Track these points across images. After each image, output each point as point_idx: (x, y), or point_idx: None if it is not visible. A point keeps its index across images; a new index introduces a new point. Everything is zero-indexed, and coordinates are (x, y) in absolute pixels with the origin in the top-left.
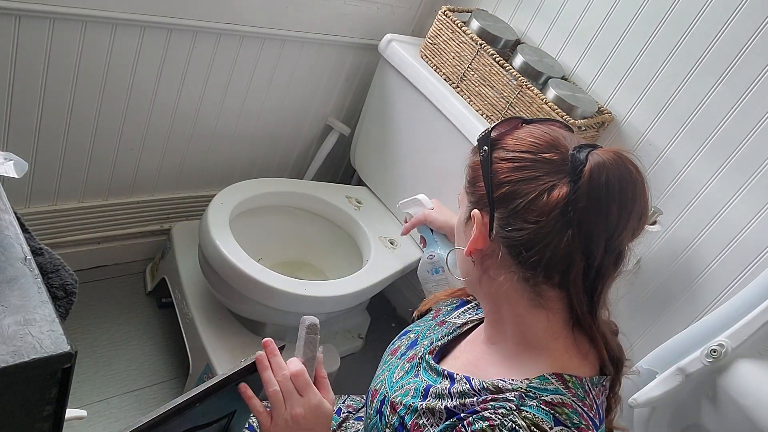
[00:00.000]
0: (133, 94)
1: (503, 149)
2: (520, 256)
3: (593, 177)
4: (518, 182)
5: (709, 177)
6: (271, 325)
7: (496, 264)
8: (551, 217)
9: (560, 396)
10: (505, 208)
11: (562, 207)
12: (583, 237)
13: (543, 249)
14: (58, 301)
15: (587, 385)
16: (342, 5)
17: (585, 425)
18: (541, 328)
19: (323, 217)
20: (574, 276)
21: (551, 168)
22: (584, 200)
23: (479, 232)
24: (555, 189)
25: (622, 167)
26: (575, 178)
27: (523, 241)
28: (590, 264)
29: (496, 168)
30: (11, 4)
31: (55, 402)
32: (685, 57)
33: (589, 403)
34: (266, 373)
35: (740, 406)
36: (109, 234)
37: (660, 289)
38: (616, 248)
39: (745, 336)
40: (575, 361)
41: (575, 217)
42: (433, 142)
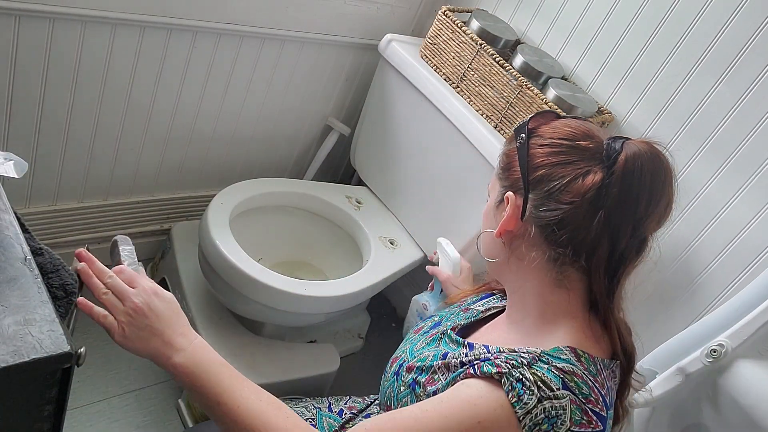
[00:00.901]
0: (133, 94)
1: (540, 137)
2: (551, 236)
3: (628, 165)
4: (555, 166)
5: (709, 177)
6: (271, 325)
7: (525, 244)
8: (585, 199)
9: (572, 366)
10: (540, 189)
11: (596, 190)
12: (612, 220)
13: (574, 229)
14: (58, 301)
15: (599, 365)
16: (342, 5)
17: (594, 399)
18: (561, 308)
19: (323, 217)
20: (598, 258)
21: (587, 155)
22: (618, 186)
23: (512, 212)
24: (590, 174)
25: (654, 158)
26: (610, 164)
27: (555, 221)
28: (615, 248)
29: (532, 153)
30: (11, 4)
31: (55, 402)
32: (685, 57)
33: (600, 381)
34: (92, 280)
35: (740, 405)
36: (109, 234)
37: (660, 289)
38: (642, 234)
39: (745, 336)
40: (590, 342)
41: (608, 201)
42: (433, 142)
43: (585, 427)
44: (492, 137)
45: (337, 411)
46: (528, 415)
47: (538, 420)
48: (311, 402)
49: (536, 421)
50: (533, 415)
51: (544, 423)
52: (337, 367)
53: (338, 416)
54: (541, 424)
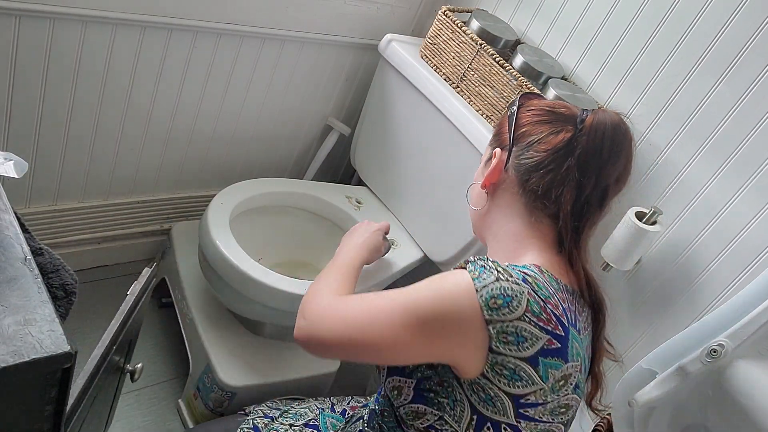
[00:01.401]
0: (134, 94)
1: (528, 106)
2: (527, 182)
3: (593, 124)
4: (536, 124)
5: (709, 177)
6: (271, 325)
7: (505, 194)
8: (557, 148)
9: (535, 273)
10: (522, 143)
11: (566, 143)
12: (578, 169)
13: (546, 173)
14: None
15: (561, 286)
16: (342, 5)
17: (553, 305)
18: (533, 244)
19: (323, 217)
20: (566, 201)
21: (563, 118)
22: (584, 141)
23: (497, 164)
24: (563, 131)
25: (616, 122)
26: (580, 125)
27: (531, 166)
28: (580, 195)
29: (520, 116)
30: (11, 4)
31: (55, 402)
32: (685, 57)
33: (561, 297)
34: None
35: (740, 406)
36: (109, 234)
37: (660, 289)
38: (604, 184)
39: (745, 336)
40: (554, 269)
41: (575, 153)
42: (433, 142)
43: (544, 324)
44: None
45: (340, 411)
46: (485, 288)
47: (495, 293)
48: (314, 402)
49: (492, 294)
50: (489, 289)
51: (499, 298)
52: (337, 367)
53: (341, 416)
54: (496, 297)
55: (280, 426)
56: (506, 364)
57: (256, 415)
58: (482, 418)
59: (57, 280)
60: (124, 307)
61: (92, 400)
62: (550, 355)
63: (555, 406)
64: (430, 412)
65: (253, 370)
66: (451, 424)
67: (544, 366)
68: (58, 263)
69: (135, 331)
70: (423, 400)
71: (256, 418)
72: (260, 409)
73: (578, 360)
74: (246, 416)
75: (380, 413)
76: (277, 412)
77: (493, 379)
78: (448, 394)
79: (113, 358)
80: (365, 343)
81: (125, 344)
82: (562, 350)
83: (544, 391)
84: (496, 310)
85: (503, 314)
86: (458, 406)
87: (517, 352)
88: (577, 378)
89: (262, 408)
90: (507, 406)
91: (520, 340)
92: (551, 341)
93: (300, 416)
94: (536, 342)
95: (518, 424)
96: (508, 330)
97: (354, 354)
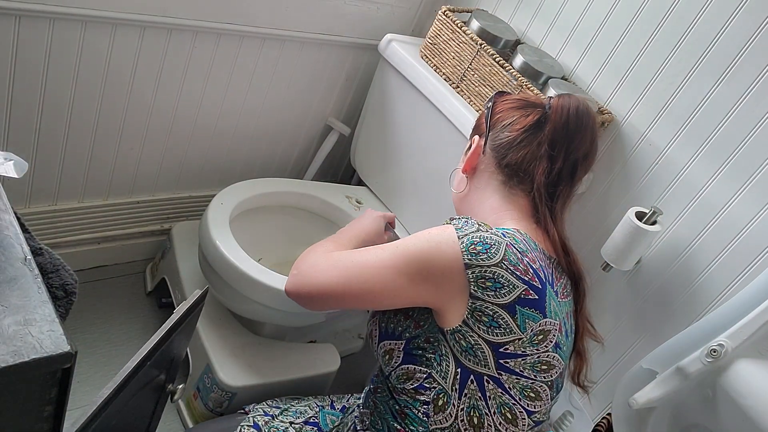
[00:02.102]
0: (133, 94)
1: (502, 99)
2: (503, 159)
3: (559, 103)
4: (509, 110)
5: (709, 177)
6: (271, 325)
7: (482, 172)
8: (528, 127)
9: (514, 233)
10: (497, 127)
11: (536, 122)
12: (549, 142)
13: (519, 149)
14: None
15: (539, 248)
16: (342, 5)
17: (530, 259)
18: (511, 215)
19: (323, 217)
20: (539, 174)
21: (532, 105)
22: (552, 119)
23: (475, 149)
24: (532, 114)
25: (579, 102)
26: (548, 108)
27: (506, 143)
28: (552, 168)
29: (495, 108)
30: (11, 4)
31: (55, 402)
32: (685, 57)
33: (538, 256)
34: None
35: (740, 406)
36: (109, 234)
37: (660, 289)
38: (572, 158)
39: (745, 336)
40: (532, 234)
41: (545, 128)
42: (433, 142)
43: (521, 273)
44: None
45: (340, 408)
46: (466, 236)
47: (474, 241)
48: (314, 400)
49: (473, 241)
50: (470, 237)
51: (479, 245)
52: (338, 367)
53: (340, 413)
54: (476, 245)
55: (281, 424)
56: (485, 310)
57: (257, 413)
58: (466, 371)
59: (57, 280)
60: (168, 323)
61: (118, 412)
62: (527, 306)
63: (535, 361)
64: (419, 371)
65: (252, 370)
66: (439, 381)
67: (521, 315)
68: (58, 263)
69: (178, 351)
70: (412, 359)
71: (256, 416)
72: (260, 407)
73: (557, 320)
74: (246, 415)
75: (374, 391)
76: (277, 410)
77: (473, 326)
78: (435, 350)
79: (151, 374)
80: (355, 288)
81: (166, 362)
82: (539, 302)
83: (522, 342)
84: (475, 255)
85: (482, 259)
86: (444, 361)
87: (494, 298)
88: (557, 338)
89: (263, 406)
90: (488, 356)
91: (497, 286)
92: (528, 291)
93: (300, 414)
94: (513, 290)
95: (500, 376)
96: (486, 275)
97: (343, 299)
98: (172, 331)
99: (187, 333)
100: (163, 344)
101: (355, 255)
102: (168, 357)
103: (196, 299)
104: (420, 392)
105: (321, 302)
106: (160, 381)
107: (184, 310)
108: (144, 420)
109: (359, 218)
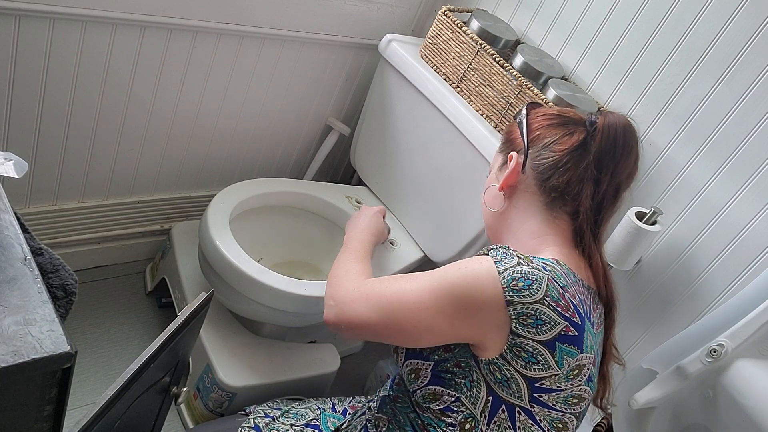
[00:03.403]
0: (133, 93)
1: (536, 113)
2: (546, 181)
3: (606, 124)
4: (549, 127)
5: (709, 177)
6: (271, 325)
7: (522, 195)
8: (573, 148)
9: (555, 266)
10: (538, 145)
11: (581, 143)
12: (596, 167)
13: (565, 171)
14: (58, 301)
15: (578, 279)
16: (342, 5)
17: (570, 294)
18: (552, 240)
19: (323, 217)
20: (585, 197)
21: (572, 122)
22: (598, 140)
23: (514, 167)
24: (576, 133)
25: (624, 122)
26: (591, 126)
27: (550, 165)
28: (597, 190)
29: (530, 122)
30: (11, 4)
31: (55, 402)
32: (685, 57)
33: (578, 290)
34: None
35: (740, 406)
36: (109, 234)
37: (660, 289)
38: (617, 181)
39: (745, 336)
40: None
41: (591, 152)
42: (433, 142)
43: (562, 310)
44: (492, 137)
45: (341, 411)
46: (507, 271)
47: (516, 276)
48: (315, 403)
49: (514, 277)
50: (511, 272)
51: (520, 281)
52: (338, 367)
53: (342, 415)
54: (518, 280)
55: (281, 426)
56: (525, 346)
57: (257, 415)
58: (498, 400)
59: (57, 280)
60: (172, 325)
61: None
62: (566, 342)
63: (568, 395)
64: (447, 393)
65: (252, 370)
66: (467, 405)
67: (560, 352)
68: (58, 263)
69: (183, 353)
70: (440, 382)
71: (257, 418)
72: (261, 408)
73: (592, 353)
74: (247, 416)
75: (393, 399)
76: (278, 412)
77: (511, 360)
78: (465, 375)
79: (156, 376)
80: (394, 325)
81: (170, 364)
82: (578, 339)
83: (558, 378)
84: (517, 292)
85: (524, 296)
86: (475, 387)
87: (535, 335)
88: (591, 371)
89: (263, 408)
90: (522, 389)
91: (539, 323)
92: (568, 328)
93: (301, 416)
94: (554, 327)
95: (532, 408)
96: (528, 312)
97: (381, 335)
98: (177, 332)
99: (192, 336)
100: (167, 346)
101: (391, 288)
102: (172, 359)
103: (202, 302)
104: (446, 414)
105: (359, 335)
106: (164, 383)
107: (189, 312)
108: (148, 422)
109: (360, 216)
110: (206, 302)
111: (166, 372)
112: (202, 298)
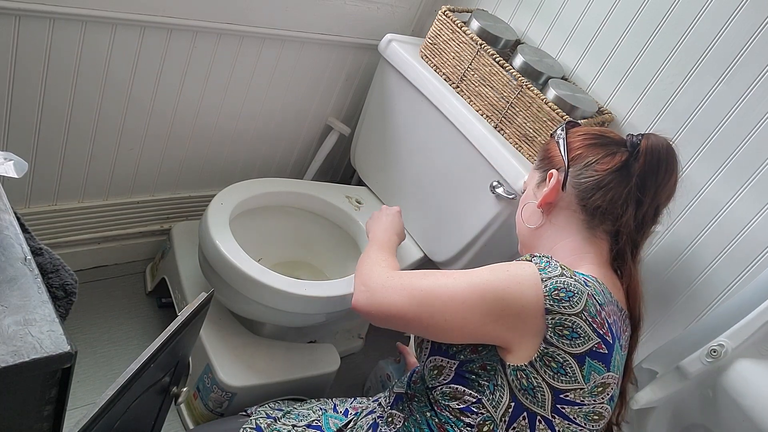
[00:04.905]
0: (133, 94)
1: (576, 132)
2: (587, 200)
3: (650, 146)
4: (589, 147)
5: (709, 177)
6: (271, 325)
7: (562, 212)
8: (615, 168)
9: (595, 283)
10: (579, 164)
11: (623, 163)
12: (639, 187)
13: (607, 191)
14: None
15: (614, 300)
16: (342, 5)
17: (606, 313)
18: (590, 258)
19: (323, 217)
20: (627, 218)
21: (613, 142)
22: (642, 161)
23: (554, 185)
24: (618, 154)
25: (666, 144)
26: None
27: (592, 184)
28: (638, 211)
29: (570, 141)
30: (11, 4)
31: (55, 402)
32: (685, 57)
33: (612, 309)
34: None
35: (740, 406)
36: (109, 234)
37: (660, 289)
38: (657, 202)
39: (745, 336)
40: (608, 283)
41: (635, 173)
42: (433, 142)
43: (597, 327)
44: (492, 137)
45: (343, 411)
46: (550, 280)
47: (559, 286)
48: (316, 404)
49: (556, 286)
50: (554, 281)
51: (562, 291)
52: (338, 367)
53: (343, 416)
54: (560, 290)
55: (283, 426)
56: (555, 356)
57: (259, 416)
58: (520, 407)
59: (57, 280)
60: (173, 325)
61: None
62: (596, 359)
63: (590, 411)
64: (469, 394)
65: (252, 370)
66: (488, 408)
67: (589, 367)
68: (58, 263)
69: (183, 353)
70: (463, 382)
71: (258, 419)
72: (262, 409)
73: (617, 373)
74: (248, 417)
75: (410, 397)
76: (280, 413)
77: (540, 369)
78: (490, 378)
79: (156, 376)
80: (426, 317)
81: (170, 364)
82: (607, 357)
83: (583, 392)
84: (558, 302)
85: (564, 307)
86: (498, 391)
87: (569, 347)
88: (614, 391)
89: (265, 408)
90: (546, 399)
91: (574, 336)
92: (600, 345)
93: (303, 417)
94: (588, 341)
95: (553, 419)
96: (565, 323)
97: (410, 326)
98: (177, 332)
99: (192, 336)
100: (167, 346)
101: (427, 280)
102: (172, 359)
103: (202, 302)
104: (465, 414)
105: (388, 323)
106: (164, 383)
107: (189, 312)
108: (148, 422)
109: (382, 216)
110: (206, 302)
111: (166, 372)
112: (202, 298)
